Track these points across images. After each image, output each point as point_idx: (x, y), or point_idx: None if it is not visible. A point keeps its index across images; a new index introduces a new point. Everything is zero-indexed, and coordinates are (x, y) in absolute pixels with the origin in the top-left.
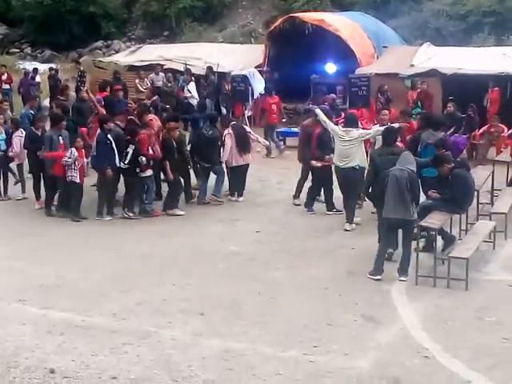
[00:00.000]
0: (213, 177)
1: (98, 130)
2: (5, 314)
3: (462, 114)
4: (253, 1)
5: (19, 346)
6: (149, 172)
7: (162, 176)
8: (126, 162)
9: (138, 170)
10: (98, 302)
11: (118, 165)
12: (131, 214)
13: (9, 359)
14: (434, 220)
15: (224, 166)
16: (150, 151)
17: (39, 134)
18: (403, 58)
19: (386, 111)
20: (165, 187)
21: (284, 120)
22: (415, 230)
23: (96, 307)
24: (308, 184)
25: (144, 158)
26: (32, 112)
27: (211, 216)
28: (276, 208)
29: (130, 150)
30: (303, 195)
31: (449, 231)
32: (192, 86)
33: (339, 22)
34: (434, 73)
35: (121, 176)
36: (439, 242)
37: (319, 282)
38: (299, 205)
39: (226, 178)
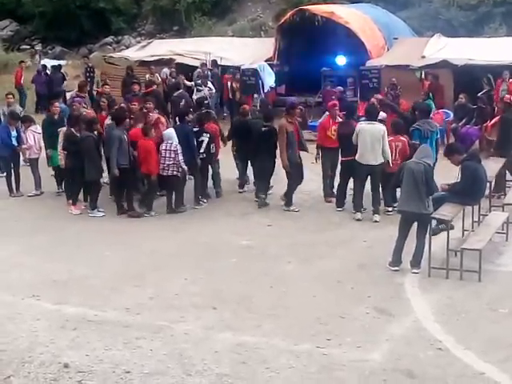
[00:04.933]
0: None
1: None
2: (18, 309)
3: (473, 105)
4: None
5: (33, 341)
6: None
7: None
8: (202, 151)
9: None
10: (111, 296)
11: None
12: (205, 201)
13: (23, 354)
14: (446, 212)
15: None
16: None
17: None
18: (414, 49)
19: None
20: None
21: None
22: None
23: (109, 302)
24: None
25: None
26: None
27: (222, 210)
28: None
29: (206, 138)
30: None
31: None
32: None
33: (349, 14)
34: (445, 64)
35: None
36: None
37: (331, 275)
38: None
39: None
